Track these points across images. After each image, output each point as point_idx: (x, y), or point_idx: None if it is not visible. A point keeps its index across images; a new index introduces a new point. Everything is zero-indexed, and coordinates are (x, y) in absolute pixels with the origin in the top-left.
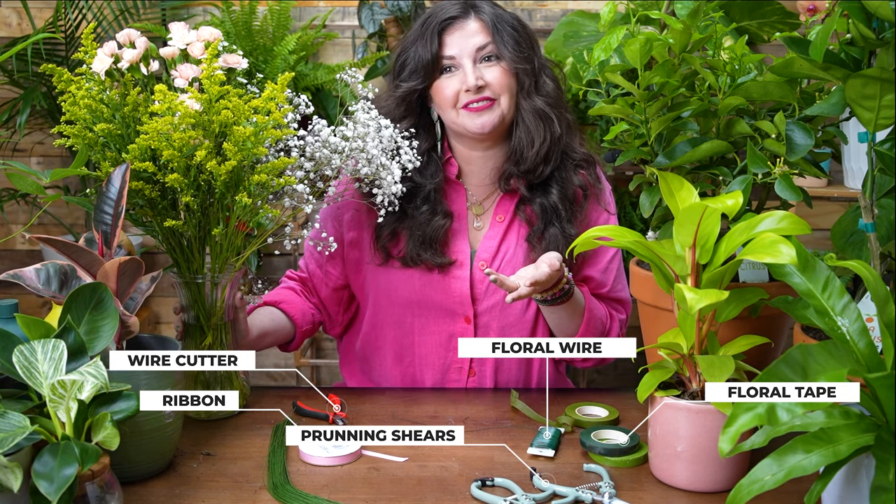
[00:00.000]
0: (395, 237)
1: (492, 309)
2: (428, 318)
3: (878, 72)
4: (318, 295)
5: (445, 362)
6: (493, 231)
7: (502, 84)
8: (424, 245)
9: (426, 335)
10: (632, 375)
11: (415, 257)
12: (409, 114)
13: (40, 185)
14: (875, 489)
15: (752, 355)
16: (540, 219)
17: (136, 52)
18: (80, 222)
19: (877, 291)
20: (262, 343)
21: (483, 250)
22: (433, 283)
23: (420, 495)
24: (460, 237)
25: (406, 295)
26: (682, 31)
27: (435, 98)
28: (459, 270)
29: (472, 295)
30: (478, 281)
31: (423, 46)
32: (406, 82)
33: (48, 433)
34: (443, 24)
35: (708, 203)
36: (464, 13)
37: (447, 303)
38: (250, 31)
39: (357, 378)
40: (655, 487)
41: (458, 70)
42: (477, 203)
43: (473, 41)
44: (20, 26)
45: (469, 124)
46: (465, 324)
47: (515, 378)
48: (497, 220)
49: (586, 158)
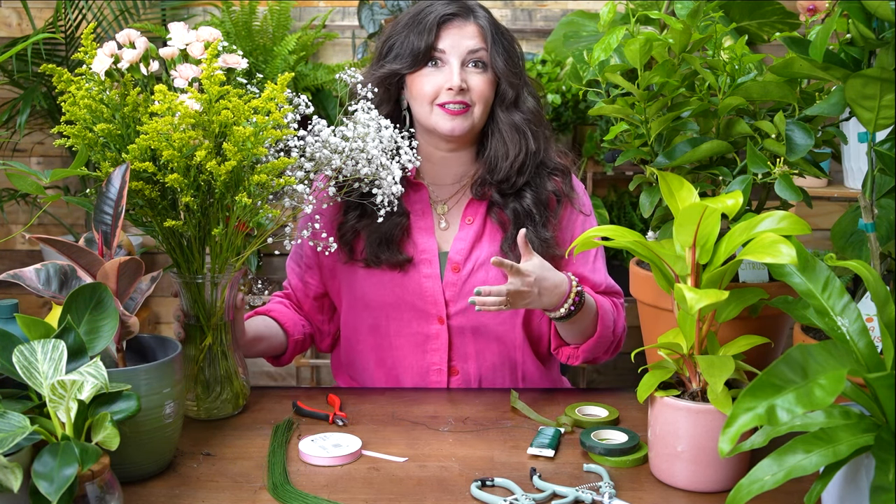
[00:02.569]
0: (356, 235)
1: (465, 311)
2: (402, 321)
3: (878, 72)
4: (302, 308)
5: (423, 364)
6: (464, 233)
7: (482, 93)
8: (381, 245)
9: (402, 337)
10: (632, 375)
11: (374, 259)
12: (386, 100)
13: (40, 185)
14: (875, 489)
15: (752, 355)
16: (513, 224)
17: (136, 53)
18: (80, 222)
19: (877, 291)
20: (257, 347)
21: (455, 252)
22: (404, 284)
23: (420, 495)
24: (425, 235)
25: (379, 298)
26: (682, 31)
27: (412, 89)
28: (429, 269)
29: (445, 297)
30: (449, 283)
31: (416, 35)
32: (390, 64)
33: (48, 433)
34: (443, 18)
35: (708, 203)
36: (464, 13)
37: (420, 303)
38: (250, 31)
39: (348, 384)
40: (655, 487)
41: (443, 66)
42: (440, 202)
43: (467, 43)
44: (20, 26)
45: (441, 124)
46: (438, 324)
47: (501, 378)
48: (466, 221)
49: (561, 168)
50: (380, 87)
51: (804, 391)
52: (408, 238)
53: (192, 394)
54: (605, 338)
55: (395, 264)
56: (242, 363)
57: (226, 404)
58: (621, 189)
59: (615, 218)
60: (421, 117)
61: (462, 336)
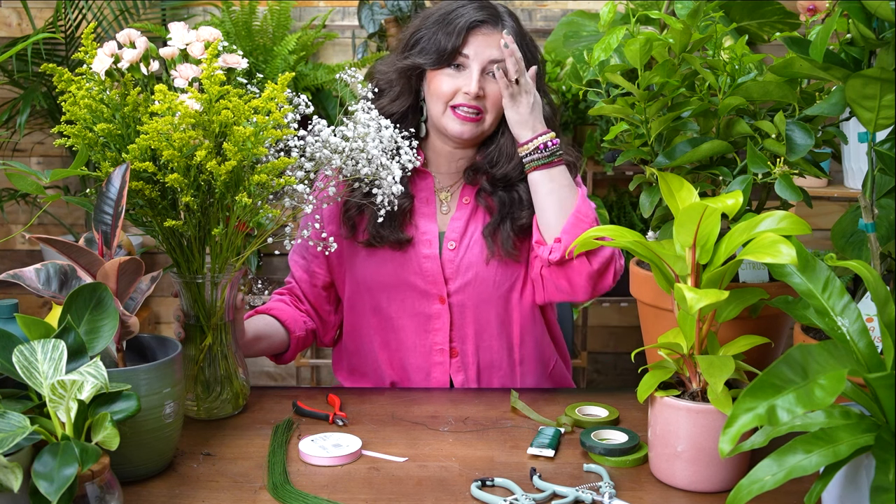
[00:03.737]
0: (360, 213)
1: (465, 287)
2: (404, 301)
3: (878, 72)
4: (307, 299)
5: (427, 344)
6: (460, 213)
7: (496, 102)
8: (384, 223)
9: (404, 318)
10: (632, 375)
11: (376, 236)
12: (407, 91)
13: (40, 185)
14: (875, 489)
15: (752, 355)
16: (497, 211)
17: (136, 52)
18: (80, 222)
19: (877, 291)
20: (257, 347)
21: (451, 231)
22: (405, 265)
23: (420, 495)
24: (428, 219)
25: (380, 279)
26: (682, 31)
27: (430, 85)
28: (428, 249)
29: (444, 275)
30: (448, 261)
31: (445, 35)
32: (415, 57)
33: (48, 433)
34: (473, 23)
35: (708, 203)
36: (493, 21)
37: (420, 283)
38: (250, 31)
39: (349, 378)
40: (655, 487)
41: (464, 70)
42: (444, 189)
43: (490, 52)
44: (20, 26)
45: (451, 127)
46: (439, 304)
47: (498, 361)
48: (463, 202)
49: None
50: (401, 77)
51: (804, 391)
52: (410, 220)
53: (192, 394)
54: (586, 216)
55: (396, 243)
56: (242, 363)
57: (226, 404)
58: (621, 189)
59: (615, 218)
60: (434, 115)
61: (462, 315)
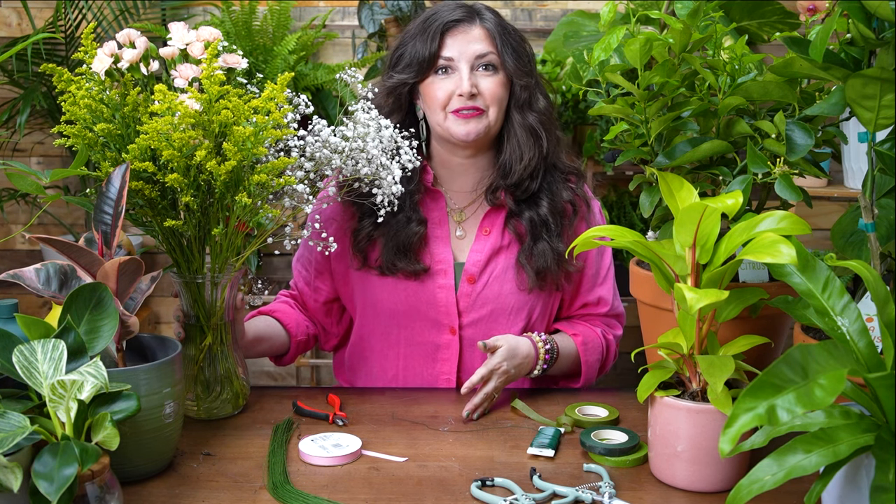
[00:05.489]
0: (371, 242)
1: (478, 322)
2: (413, 329)
3: (878, 72)
4: (308, 310)
5: (432, 373)
6: (480, 244)
7: (494, 95)
8: (399, 253)
9: (412, 346)
10: (632, 375)
11: (390, 266)
12: (397, 109)
13: (40, 185)
14: (875, 489)
15: (752, 355)
16: (529, 234)
17: (136, 52)
18: (80, 222)
19: (877, 291)
20: (258, 348)
21: (471, 264)
22: (418, 293)
23: (420, 495)
24: (441, 244)
25: (392, 305)
26: (682, 31)
27: (425, 97)
28: (444, 279)
29: (458, 308)
30: (464, 294)
31: (422, 43)
32: (398, 74)
33: (48, 433)
34: (447, 25)
35: (708, 203)
36: (468, 18)
37: (432, 313)
38: (250, 31)
39: (349, 383)
40: (655, 487)
41: (453, 72)
42: (458, 210)
43: (474, 47)
44: (20, 26)
45: (455, 130)
46: (450, 335)
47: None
48: (483, 232)
49: (574, 171)
50: (389, 97)
51: (804, 391)
52: (424, 247)
53: (192, 394)
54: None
55: (411, 273)
56: (242, 363)
57: (226, 404)
58: (621, 189)
59: (615, 218)
60: (436, 125)
61: (472, 347)
